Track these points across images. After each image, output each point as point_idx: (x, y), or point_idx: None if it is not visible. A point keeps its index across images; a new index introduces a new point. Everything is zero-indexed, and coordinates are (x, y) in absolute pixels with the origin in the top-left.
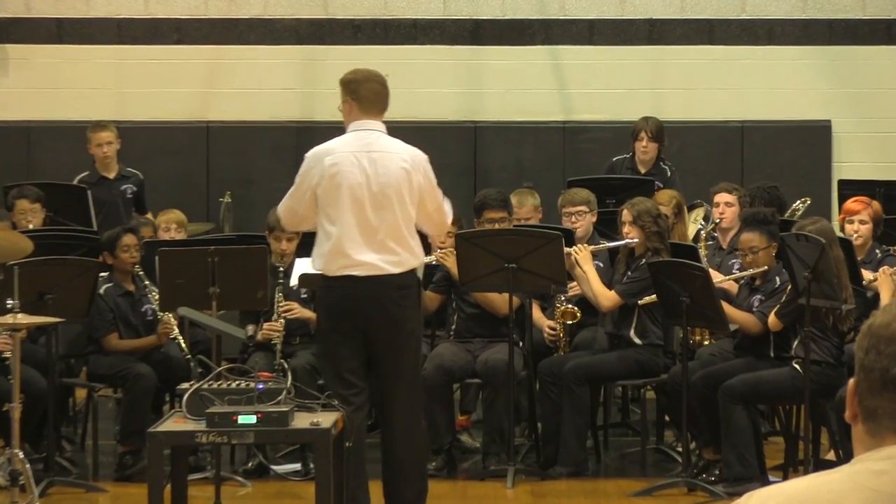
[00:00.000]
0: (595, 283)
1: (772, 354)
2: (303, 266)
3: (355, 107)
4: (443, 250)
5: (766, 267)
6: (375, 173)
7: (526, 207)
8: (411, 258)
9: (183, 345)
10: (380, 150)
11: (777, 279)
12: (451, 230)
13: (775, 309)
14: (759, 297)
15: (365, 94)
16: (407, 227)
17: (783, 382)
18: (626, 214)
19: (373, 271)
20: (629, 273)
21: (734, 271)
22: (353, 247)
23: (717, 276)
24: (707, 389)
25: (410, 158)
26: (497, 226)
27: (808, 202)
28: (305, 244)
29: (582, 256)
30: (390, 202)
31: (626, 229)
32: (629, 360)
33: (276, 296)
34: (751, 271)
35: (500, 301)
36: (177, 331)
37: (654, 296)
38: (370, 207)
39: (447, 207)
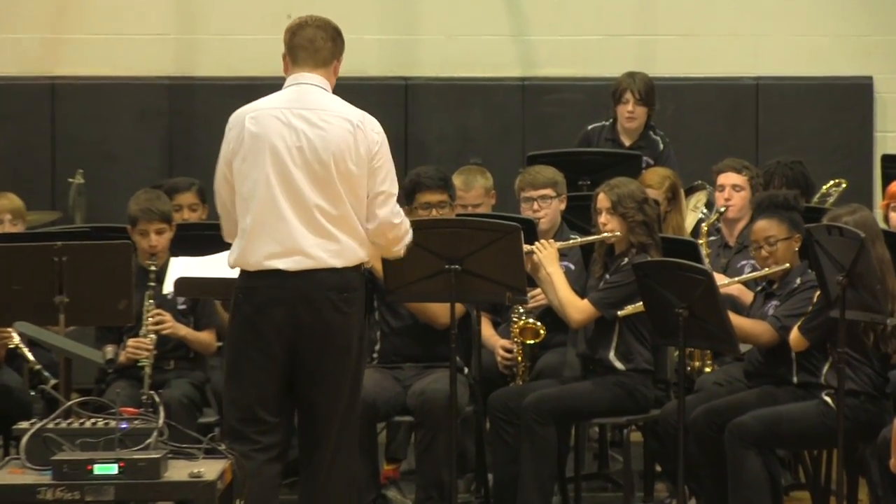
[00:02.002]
0: (563, 290)
1: (795, 381)
2: (181, 267)
3: (288, 59)
4: None
5: (786, 265)
6: (311, 134)
7: (474, 191)
8: (358, 249)
9: (30, 356)
10: (316, 107)
11: (797, 280)
12: None
13: (799, 323)
14: (774, 303)
15: (297, 41)
16: (354, 207)
17: (809, 420)
18: (603, 200)
19: (306, 263)
20: (607, 277)
21: (745, 274)
22: (281, 229)
23: (721, 280)
24: (710, 429)
25: (357, 119)
26: (435, 213)
27: (844, 185)
28: (182, 239)
29: (546, 255)
30: (329, 171)
31: (603, 219)
32: (608, 392)
33: (146, 304)
34: (766, 270)
35: (439, 313)
36: (18, 339)
37: (639, 304)
38: (303, 178)
39: (401, 210)
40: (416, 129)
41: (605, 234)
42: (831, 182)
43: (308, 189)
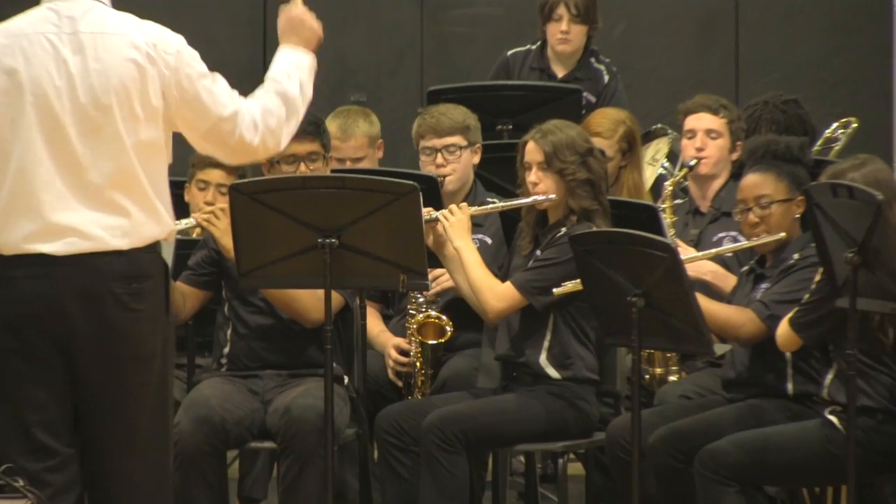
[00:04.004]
0: (476, 271)
1: (789, 392)
2: None
3: None
4: (208, 211)
5: (781, 235)
6: (84, 70)
7: (354, 140)
8: (150, 223)
9: None
10: (92, 29)
11: (794, 256)
12: (223, 181)
13: (790, 314)
14: (765, 286)
15: None
16: (144, 167)
17: (808, 446)
18: (533, 151)
19: (80, 245)
20: (538, 253)
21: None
22: (46, 200)
23: (689, 254)
24: (675, 458)
25: (147, 43)
26: (304, 169)
27: (855, 125)
28: None
29: (454, 224)
30: (111, 120)
31: (533, 177)
32: (538, 408)
33: None
34: (753, 241)
35: (309, 304)
36: None
37: (576, 281)
38: (75, 130)
39: (252, 115)
40: None
41: (536, 198)
42: (836, 123)
43: (83, 144)
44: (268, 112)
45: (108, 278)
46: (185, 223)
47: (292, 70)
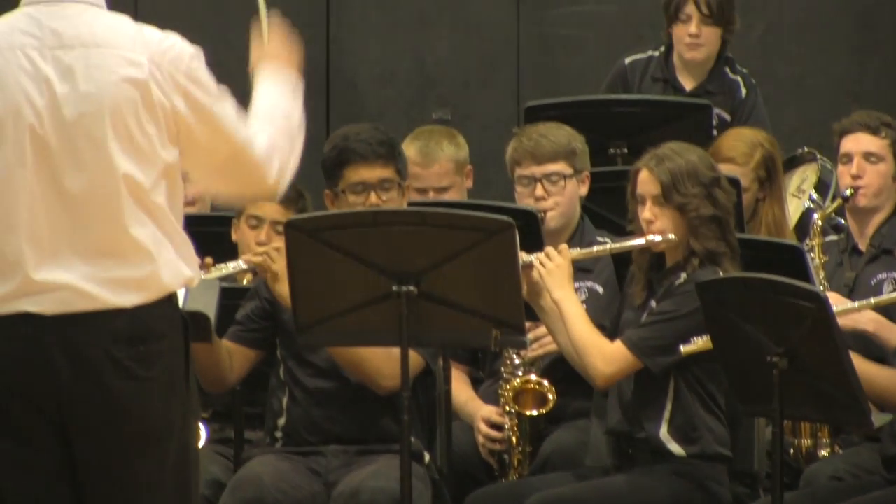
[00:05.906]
0: (580, 328)
1: None
2: None
3: None
4: (261, 252)
5: None
6: (71, 92)
7: (438, 165)
8: (162, 271)
9: None
10: (82, 43)
11: None
12: (279, 217)
13: None
14: None
15: None
16: (145, 205)
17: None
18: (647, 181)
19: (71, 303)
20: (652, 304)
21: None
22: (29, 249)
23: (843, 305)
24: None
25: (149, 59)
26: (376, 200)
27: None
28: None
29: (553, 270)
30: (104, 151)
31: (646, 213)
32: (659, 491)
33: None
34: None
35: (382, 366)
36: None
37: (707, 338)
38: (63, 162)
39: (262, 146)
40: (345, 61)
41: (651, 238)
42: None
43: (72, 181)
44: (275, 147)
45: (107, 340)
46: (232, 267)
47: (284, 100)
